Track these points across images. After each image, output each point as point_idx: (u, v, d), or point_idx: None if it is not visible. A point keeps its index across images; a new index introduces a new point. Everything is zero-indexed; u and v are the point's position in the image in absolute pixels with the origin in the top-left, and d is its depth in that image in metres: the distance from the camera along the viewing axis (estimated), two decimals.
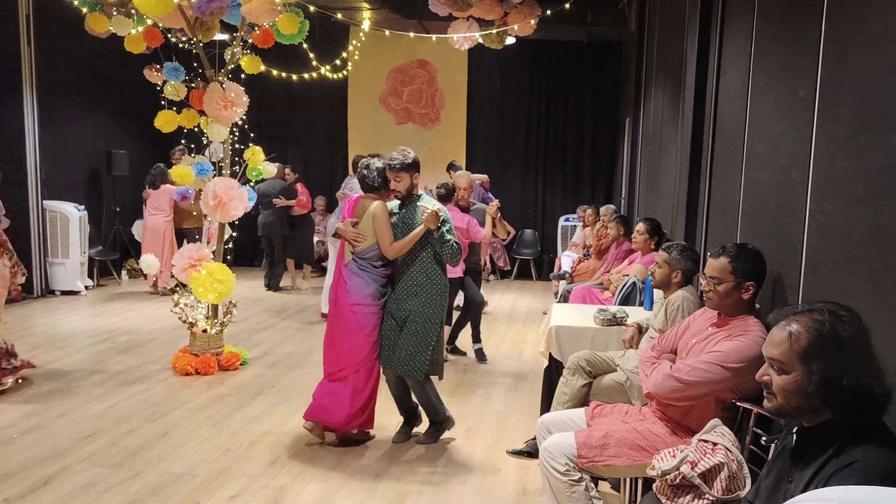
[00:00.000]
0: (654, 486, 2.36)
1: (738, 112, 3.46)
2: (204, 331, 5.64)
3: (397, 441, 4.23)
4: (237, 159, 5.88)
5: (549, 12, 6.88)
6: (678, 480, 2.26)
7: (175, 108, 5.94)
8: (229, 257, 6.13)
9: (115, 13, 6.31)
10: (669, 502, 2.27)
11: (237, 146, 5.98)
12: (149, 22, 5.98)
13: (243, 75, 6.21)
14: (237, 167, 5.82)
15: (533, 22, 6.84)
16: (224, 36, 6.71)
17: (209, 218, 5.78)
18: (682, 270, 3.46)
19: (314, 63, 8.58)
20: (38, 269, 8.41)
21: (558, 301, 6.53)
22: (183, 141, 6.85)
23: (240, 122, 5.81)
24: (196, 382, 5.31)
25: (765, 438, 2.40)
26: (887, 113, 1.91)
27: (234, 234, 6.19)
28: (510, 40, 7.38)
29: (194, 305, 5.73)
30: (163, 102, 5.95)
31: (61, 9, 7.02)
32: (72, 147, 9.16)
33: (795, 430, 1.72)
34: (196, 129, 5.94)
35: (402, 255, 4.02)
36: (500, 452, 4.13)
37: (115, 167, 9.37)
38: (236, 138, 5.95)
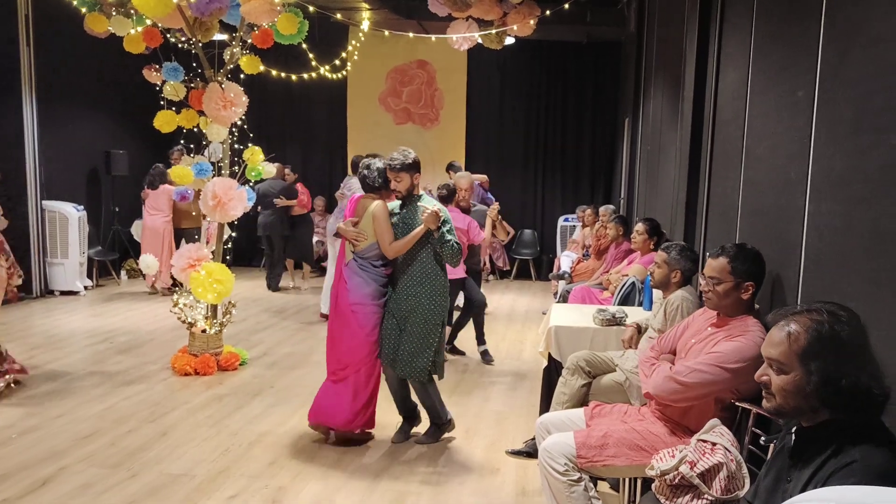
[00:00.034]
0: (653, 486, 2.36)
1: (738, 112, 3.46)
2: (203, 331, 5.64)
3: (397, 441, 4.23)
4: (236, 159, 5.88)
5: (549, 12, 6.88)
6: (677, 480, 2.26)
7: (174, 109, 5.94)
8: (228, 257, 6.13)
9: (115, 13, 6.30)
10: (668, 502, 2.27)
11: (236, 146, 5.97)
12: (148, 22, 5.97)
13: (242, 75, 6.21)
14: (236, 167, 5.82)
15: (532, 22, 6.84)
16: (223, 36, 6.71)
17: (208, 218, 5.78)
18: (682, 270, 3.46)
19: (313, 63, 8.58)
20: (38, 270, 8.40)
21: (557, 301, 6.54)
22: (182, 141, 6.85)
23: (239, 123, 5.81)
24: (195, 383, 5.31)
25: (764, 438, 2.40)
26: (887, 113, 1.91)
27: (234, 235, 6.19)
28: (509, 40, 7.38)
29: (193, 305, 5.73)
30: (162, 102, 5.95)
31: (60, 9, 7.01)
32: (71, 147, 9.15)
33: (794, 430, 1.72)
34: (195, 130, 5.94)
35: (403, 255, 4.03)
36: (500, 452, 4.13)
37: (115, 167, 9.38)
38: (235, 138, 5.95)
